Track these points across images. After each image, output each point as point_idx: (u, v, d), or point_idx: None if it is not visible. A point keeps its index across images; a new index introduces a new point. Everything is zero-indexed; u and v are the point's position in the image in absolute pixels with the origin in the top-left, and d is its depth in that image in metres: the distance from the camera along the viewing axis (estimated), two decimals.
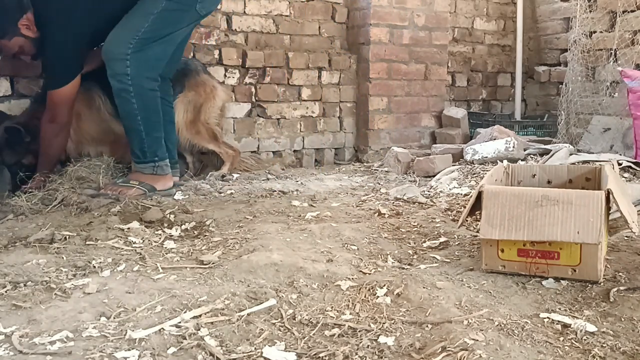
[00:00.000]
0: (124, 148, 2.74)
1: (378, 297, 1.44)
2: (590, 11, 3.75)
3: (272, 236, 1.93)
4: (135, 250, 1.84)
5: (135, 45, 2.45)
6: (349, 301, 1.43)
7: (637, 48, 3.51)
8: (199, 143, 3.03)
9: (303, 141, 3.68)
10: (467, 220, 1.97)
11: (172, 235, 2.01)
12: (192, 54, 3.24)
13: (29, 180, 2.53)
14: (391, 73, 3.78)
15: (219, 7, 3.28)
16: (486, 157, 3.21)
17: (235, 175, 3.06)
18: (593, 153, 3.20)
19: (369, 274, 1.63)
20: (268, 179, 3.07)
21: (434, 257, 1.78)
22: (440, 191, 2.74)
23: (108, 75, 2.50)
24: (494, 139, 3.34)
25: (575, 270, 1.52)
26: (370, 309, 1.38)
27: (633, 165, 2.81)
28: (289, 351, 1.19)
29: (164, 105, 2.73)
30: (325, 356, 1.17)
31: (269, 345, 1.21)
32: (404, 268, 1.68)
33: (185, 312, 1.36)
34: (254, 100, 3.47)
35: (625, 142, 3.35)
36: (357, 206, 2.49)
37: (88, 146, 2.83)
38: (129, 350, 1.19)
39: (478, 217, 1.85)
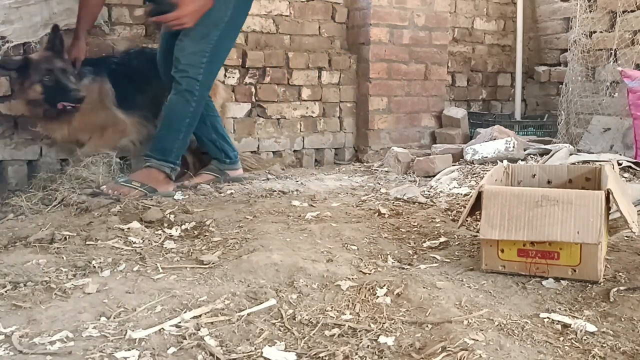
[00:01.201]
0: (115, 141, 2.80)
1: (378, 297, 1.44)
2: (590, 11, 3.75)
3: (272, 236, 1.93)
4: (135, 250, 1.84)
5: (210, 54, 2.60)
6: (349, 301, 1.43)
7: (637, 48, 3.51)
8: None
9: (303, 141, 3.68)
10: (467, 220, 1.97)
11: (172, 235, 2.01)
12: None
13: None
14: (391, 73, 3.78)
15: None
16: (486, 157, 3.21)
17: None
18: (593, 153, 3.20)
19: (369, 274, 1.63)
20: (268, 179, 3.07)
21: (434, 257, 1.78)
22: (440, 191, 2.74)
23: (178, 76, 2.59)
24: (494, 139, 3.34)
25: (575, 270, 1.52)
26: (370, 309, 1.38)
27: (633, 165, 2.82)
28: (289, 351, 1.19)
29: (210, 102, 2.88)
30: (325, 356, 1.17)
31: (269, 345, 1.21)
32: (404, 268, 1.68)
33: (185, 312, 1.36)
34: (254, 100, 3.47)
35: (625, 142, 3.35)
36: (357, 206, 2.49)
37: (86, 134, 2.83)
38: (129, 350, 1.19)
39: (478, 217, 1.85)
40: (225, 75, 3.35)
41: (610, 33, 3.68)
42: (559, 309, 1.38)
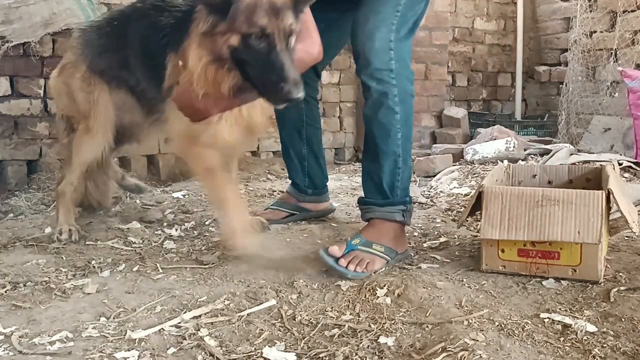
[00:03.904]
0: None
1: (378, 297, 1.44)
2: (591, 11, 3.75)
3: (272, 236, 1.93)
4: (135, 250, 1.84)
5: (397, 26, 1.72)
6: (349, 301, 1.43)
7: (637, 48, 3.51)
8: None
9: None
10: (467, 220, 1.97)
11: (171, 235, 2.00)
12: None
13: None
14: None
15: None
16: (486, 157, 3.21)
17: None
18: (593, 153, 3.19)
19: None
20: (268, 179, 3.07)
21: (434, 257, 1.78)
22: (441, 191, 2.74)
23: (363, 75, 1.74)
24: (494, 139, 3.34)
25: (575, 270, 1.52)
26: (371, 310, 1.38)
27: (633, 165, 2.82)
28: (289, 351, 1.19)
29: (314, 108, 2.21)
30: (325, 356, 1.17)
31: (269, 346, 1.21)
32: (404, 268, 1.68)
33: (185, 312, 1.36)
34: None
35: (626, 142, 3.35)
36: (357, 206, 2.48)
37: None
38: (128, 350, 1.19)
39: (478, 217, 1.85)
40: None
41: (610, 33, 3.68)
42: (560, 309, 1.37)
